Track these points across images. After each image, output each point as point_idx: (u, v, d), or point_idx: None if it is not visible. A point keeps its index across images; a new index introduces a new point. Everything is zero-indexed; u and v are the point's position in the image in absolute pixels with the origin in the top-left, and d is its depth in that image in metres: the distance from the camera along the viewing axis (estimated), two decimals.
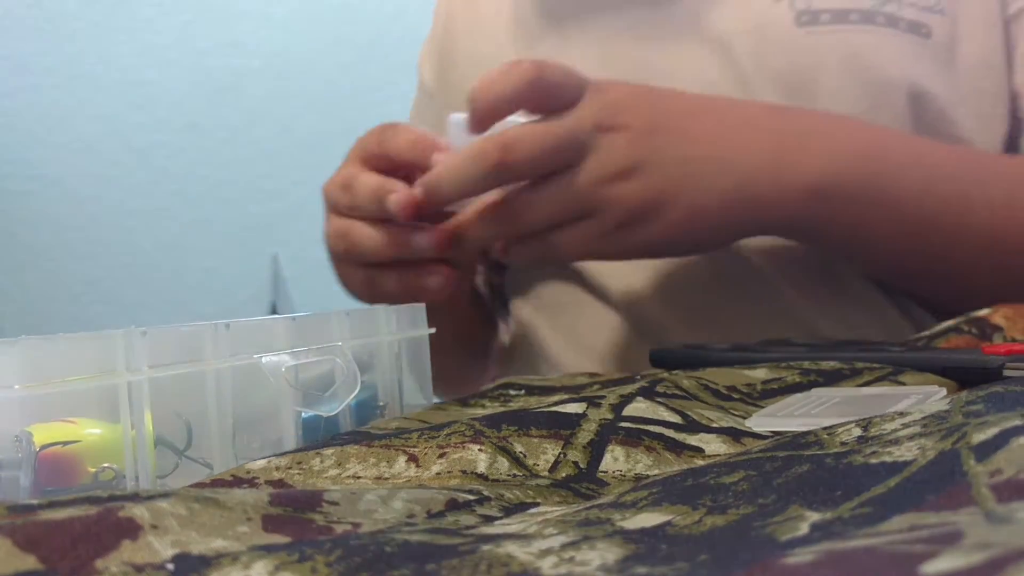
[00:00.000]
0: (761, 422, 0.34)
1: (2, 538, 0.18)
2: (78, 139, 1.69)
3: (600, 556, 0.19)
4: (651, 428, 0.32)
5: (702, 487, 0.23)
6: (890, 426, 0.25)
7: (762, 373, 0.41)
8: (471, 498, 0.25)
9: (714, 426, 0.33)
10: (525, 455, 0.30)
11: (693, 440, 0.32)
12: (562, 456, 0.30)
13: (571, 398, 0.35)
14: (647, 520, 0.21)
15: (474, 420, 0.32)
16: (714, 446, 0.31)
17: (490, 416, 0.33)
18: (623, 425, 0.32)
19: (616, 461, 0.30)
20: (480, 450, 0.29)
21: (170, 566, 0.19)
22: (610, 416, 0.32)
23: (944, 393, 0.36)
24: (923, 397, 0.35)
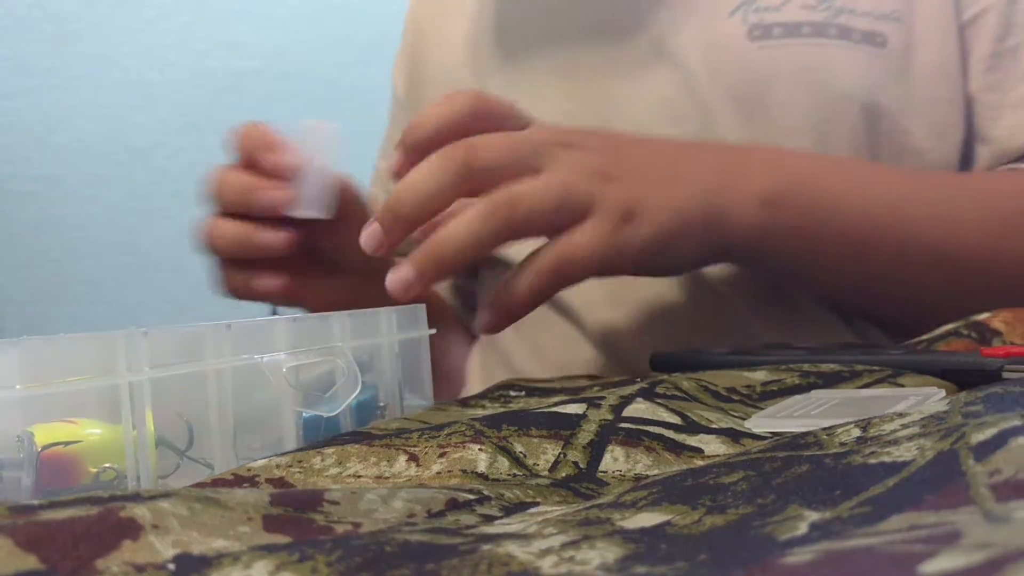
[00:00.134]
0: (760, 423, 0.34)
1: (3, 538, 0.18)
2: (78, 139, 1.69)
3: (600, 556, 0.19)
4: (651, 429, 0.32)
5: (701, 487, 0.23)
6: (889, 427, 0.25)
7: (762, 375, 0.41)
8: (471, 498, 0.25)
9: (713, 427, 0.33)
10: (525, 455, 0.30)
11: (693, 441, 0.32)
12: (562, 456, 0.30)
13: (571, 399, 0.35)
14: (647, 520, 0.21)
15: (474, 420, 0.32)
16: (713, 447, 0.31)
17: (490, 416, 0.33)
18: (623, 426, 0.32)
19: (616, 461, 0.30)
20: (480, 450, 0.29)
21: (171, 566, 0.19)
22: (610, 417, 0.33)
23: (943, 395, 0.36)
24: (922, 398, 0.35)
